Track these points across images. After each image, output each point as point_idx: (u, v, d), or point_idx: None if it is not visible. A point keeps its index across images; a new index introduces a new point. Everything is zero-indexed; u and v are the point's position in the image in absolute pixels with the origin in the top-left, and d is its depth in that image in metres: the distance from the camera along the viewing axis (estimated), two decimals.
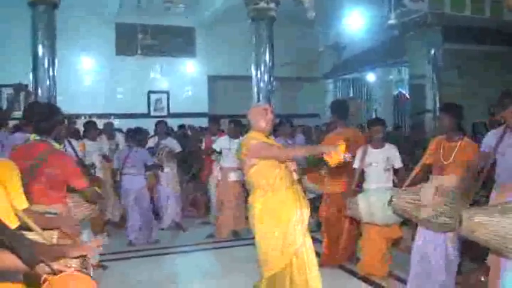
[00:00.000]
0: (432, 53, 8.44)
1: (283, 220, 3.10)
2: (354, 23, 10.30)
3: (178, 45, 12.19)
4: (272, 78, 7.73)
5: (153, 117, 10.60)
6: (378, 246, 4.28)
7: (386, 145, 4.36)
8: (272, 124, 3.35)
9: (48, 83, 6.91)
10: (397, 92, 12.00)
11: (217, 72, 12.17)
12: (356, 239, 4.77)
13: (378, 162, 4.25)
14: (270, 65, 7.67)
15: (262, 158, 3.11)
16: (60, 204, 2.92)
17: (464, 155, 3.53)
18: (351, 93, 13.76)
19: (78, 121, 8.87)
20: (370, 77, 12.76)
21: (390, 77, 12.10)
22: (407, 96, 10.55)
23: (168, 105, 12.10)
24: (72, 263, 1.63)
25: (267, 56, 7.63)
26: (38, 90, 6.84)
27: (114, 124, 8.93)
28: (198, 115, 11.76)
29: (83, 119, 9.00)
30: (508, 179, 3.28)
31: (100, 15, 10.83)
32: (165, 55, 11.86)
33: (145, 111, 11.85)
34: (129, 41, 11.36)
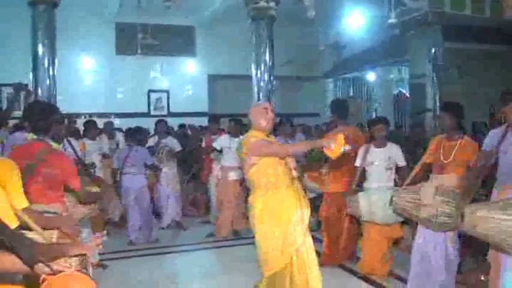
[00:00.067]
0: (432, 52, 8.41)
1: (283, 220, 3.09)
2: (354, 22, 10.26)
3: (178, 45, 12.16)
4: (272, 78, 7.72)
5: (153, 116, 10.57)
6: (378, 245, 4.28)
7: (389, 144, 4.35)
8: (272, 123, 3.34)
9: (48, 83, 6.91)
10: (397, 91, 11.98)
11: (217, 71, 12.15)
12: (356, 239, 4.77)
13: (380, 161, 4.25)
14: (270, 64, 7.65)
15: (262, 156, 3.10)
16: (58, 203, 2.91)
17: (464, 154, 3.52)
18: (351, 93, 13.73)
19: (78, 120, 8.88)
20: (370, 76, 12.73)
21: (390, 76, 12.08)
22: (407, 95, 10.54)
23: (168, 105, 12.07)
24: (71, 262, 1.63)
25: (267, 55, 7.62)
26: (38, 90, 6.84)
27: (114, 123, 8.93)
28: (198, 114, 11.73)
29: (83, 118, 8.99)
30: (510, 177, 3.27)
31: (100, 15, 10.80)
32: (165, 54, 11.82)
33: (145, 111, 11.82)
34: (129, 40, 11.33)
